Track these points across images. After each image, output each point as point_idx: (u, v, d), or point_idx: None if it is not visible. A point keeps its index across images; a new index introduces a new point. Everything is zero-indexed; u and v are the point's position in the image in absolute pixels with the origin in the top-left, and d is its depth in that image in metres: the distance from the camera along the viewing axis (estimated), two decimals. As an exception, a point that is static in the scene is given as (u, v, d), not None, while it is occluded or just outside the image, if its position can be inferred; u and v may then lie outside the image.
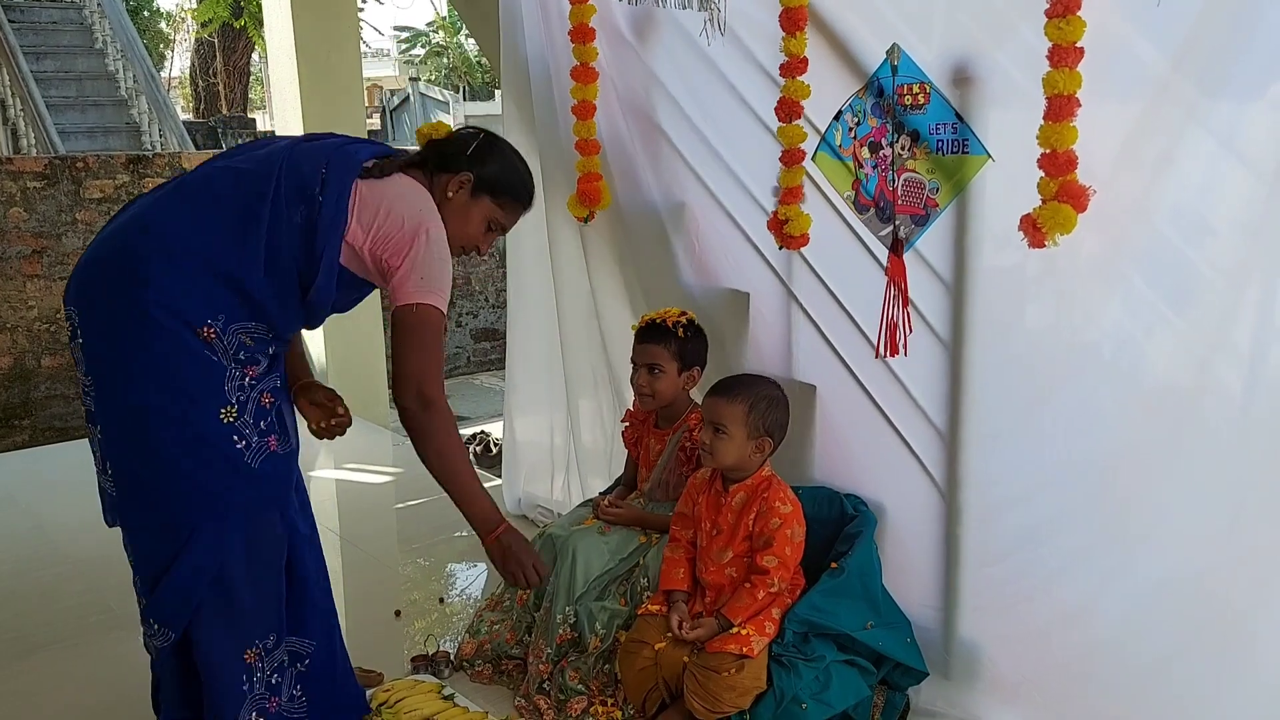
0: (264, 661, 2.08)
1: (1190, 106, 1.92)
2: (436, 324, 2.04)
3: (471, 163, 2.13)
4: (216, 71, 16.18)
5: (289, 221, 1.97)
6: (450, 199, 2.12)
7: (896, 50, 2.29)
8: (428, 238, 2.01)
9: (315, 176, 1.99)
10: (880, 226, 2.41)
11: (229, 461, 1.95)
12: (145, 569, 2.04)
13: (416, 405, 2.03)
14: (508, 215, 2.21)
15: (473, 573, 3.50)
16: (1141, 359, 2.11)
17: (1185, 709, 2.09)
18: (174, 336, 1.90)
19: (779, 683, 2.18)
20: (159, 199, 2.03)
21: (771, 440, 2.34)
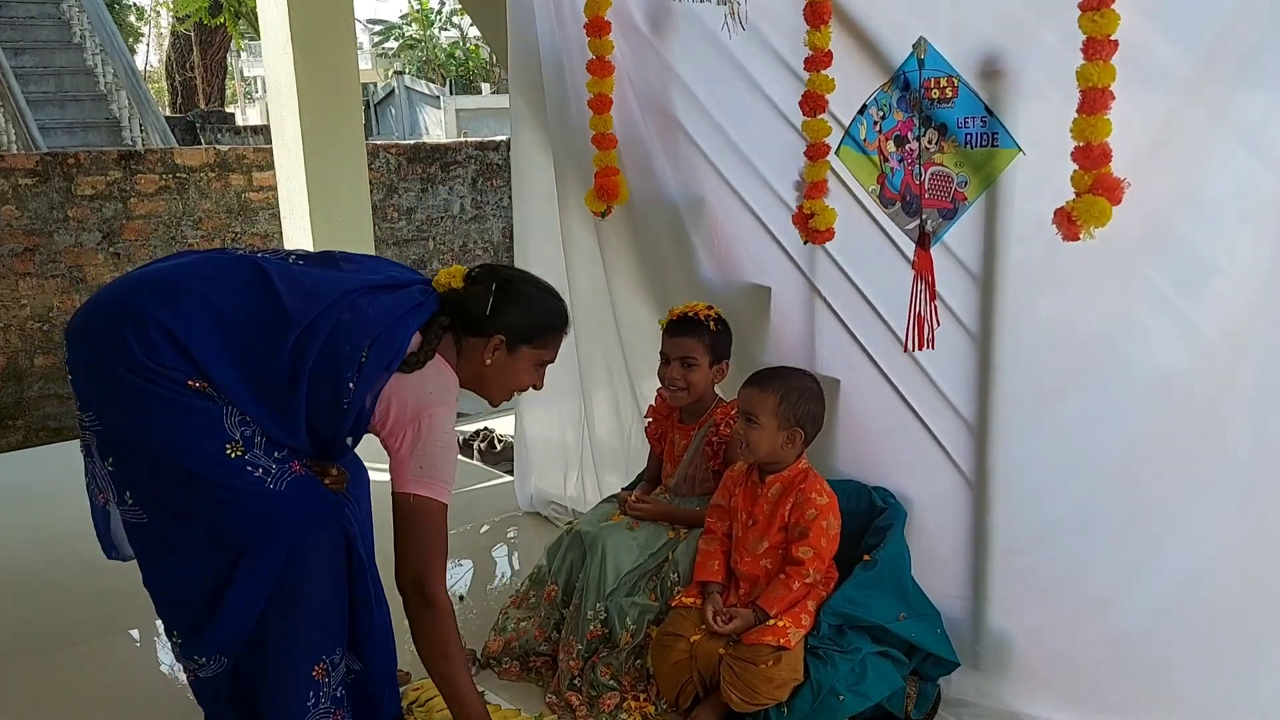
0: (331, 677, 2.04)
1: (1214, 104, 1.95)
2: (437, 515, 1.98)
3: (495, 320, 2.06)
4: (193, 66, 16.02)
5: (312, 392, 1.91)
6: (489, 364, 2.08)
7: (923, 44, 2.30)
8: (430, 424, 1.94)
9: (354, 362, 1.91)
10: (906, 220, 2.42)
11: (251, 492, 1.90)
12: (186, 603, 1.97)
13: (416, 600, 1.99)
14: (550, 351, 2.18)
15: (492, 568, 3.48)
16: (1164, 353, 2.14)
17: (1214, 697, 2.12)
18: (162, 391, 1.83)
19: (816, 675, 2.19)
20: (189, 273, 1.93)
21: (803, 431, 2.34)
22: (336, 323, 1.92)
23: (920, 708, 2.35)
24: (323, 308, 1.92)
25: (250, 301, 1.92)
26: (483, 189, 7.14)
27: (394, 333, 1.96)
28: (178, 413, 1.85)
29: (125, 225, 5.68)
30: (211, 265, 1.99)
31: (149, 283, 1.93)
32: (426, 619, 2.00)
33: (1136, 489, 2.18)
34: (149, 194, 5.73)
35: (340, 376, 1.90)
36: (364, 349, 1.91)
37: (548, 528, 3.58)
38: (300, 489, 1.95)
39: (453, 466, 2.00)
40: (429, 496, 1.96)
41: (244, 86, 25.08)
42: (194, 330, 1.86)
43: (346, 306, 1.94)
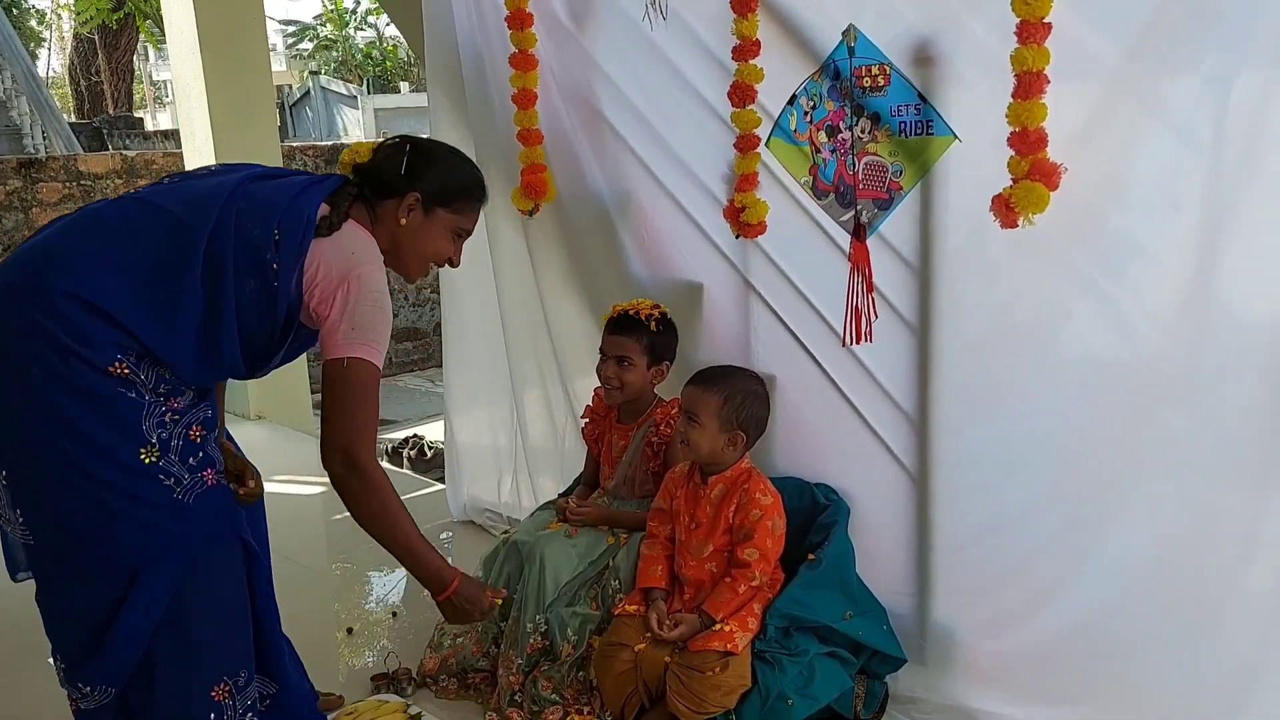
0: (235, 700, 1.93)
1: (1142, 92, 1.95)
2: (368, 380, 1.88)
3: (410, 180, 1.98)
4: (99, 70, 15.49)
5: (238, 291, 1.80)
6: (404, 225, 1.98)
7: (853, 31, 2.26)
8: (359, 282, 1.86)
9: (268, 243, 1.81)
10: (841, 212, 2.38)
11: (158, 502, 1.78)
12: (74, 626, 1.82)
13: (343, 470, 1.88)
14: (468, 218, 2.08)
15: (416, 583, 3.37)
16: (1097, 340, 2.14)
17: (1159, 685, 2.12)
18: (78, 381, 1.71)
19: (764, 680, 2.14)
20: (72, 233, 1.80)
21: (745, 435, 2.29)
22: (238, 213, 1.82)
23: (869, 706, 2.32)
24: (220, 206, 1.81)
25: (146, 233, 1.80)
26: (405, 190, 6.99)
27: (299, 203, 1.87)
28: (92, 409, 1.72)
29: (26, 236, 5.43)
30: (87, 219, 1.84)
31: (30, 258, 1.77)
32: (358, 486, 1.90)
33: (1077, 480, 2.18)
34: (52, 203, 5.49)
35: (262, 262, 1.81)
36: (274, 227, 1.82)
37: (483, 536, 3.49)
38: (208, 503, 1.84)
39: (385, 328, 1.91)
40: (360, 358, 1.86)
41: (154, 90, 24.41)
42: (102, 289, 1.72)
43: (242, 196, 1.85)
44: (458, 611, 2.05)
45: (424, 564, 2.01)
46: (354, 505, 1.93)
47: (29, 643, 2.91)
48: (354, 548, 3.62)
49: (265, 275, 1.81)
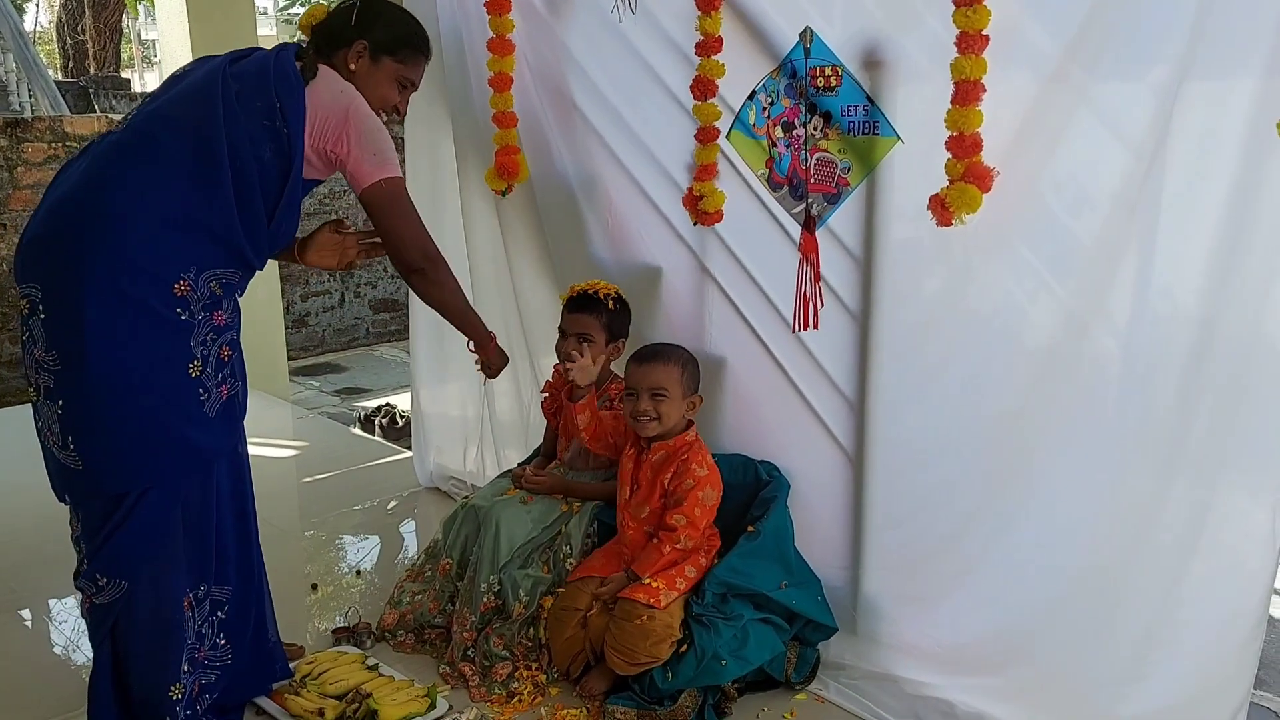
0: (195, 611, 2.12)
1: (1079, 87, 2.03)
2: (404, 191, 2.18)
3: (360, 30, 2.16)
4: (85, 29, 15.38)
5: (258, 160, 2.00)
6: (354, 71, 2.15)
7: (809, 33, 2.37)
8: (358, 114, 2.08)
9: (273, 109, 2.01)
10: (793, 204, 2.50)
11: (194, 415, 2.02)
12: (99, 529, 2.02)
13: (426, 264, 2.22)
14: (413, 68, 2.25)
15: (383, 545, 3.50)
16: (1027, 325, 2.23)
17: (1067, 655, 2.24)
18: (142, 304, 1.93)
19: (700, 641, 2.27)
20: (100, 162, 2.01)
21: (700, 397, 2.44)
22: (236, 94, 2.01)
23: (800, 671, 2.46)
24: (219, 95, 2.00)
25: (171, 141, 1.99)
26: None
27: (282, 68, 2.07)
28: (154, 326, 1.95)
29: (12, 195, 5.49)
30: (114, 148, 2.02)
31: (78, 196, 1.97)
32: (439, 274, 2.26)
33: (998, 461, 2.28)
34: (37, 163, 5.55)
35: (273, 129, 2.01)
36: (273, 95, 2.02)
37: (448, 503, 3.61)
38: (223, 415, 2.08)
39: (392, 145, 2.14)
40: (392, 175, 2.12)
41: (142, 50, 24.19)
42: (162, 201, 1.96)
43: (231, 79, 2.03)
44: (496, 356, 2.51)
45: (474, 327, 2.45)
46: (437, 289, 2.29)
47: (2, 590, 3.04)
48: (324, 510, 3.75)
49: (279, 139, 2.02)
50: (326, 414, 5.49)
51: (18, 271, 2.02)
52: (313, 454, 4.43)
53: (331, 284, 7.26)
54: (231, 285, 2.08)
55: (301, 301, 7.15)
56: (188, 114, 2.02)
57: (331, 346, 7.31)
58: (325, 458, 4.34)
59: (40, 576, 3.13)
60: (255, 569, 2.30)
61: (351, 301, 7.40)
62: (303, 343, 7.11)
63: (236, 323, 2.12)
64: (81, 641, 2.68)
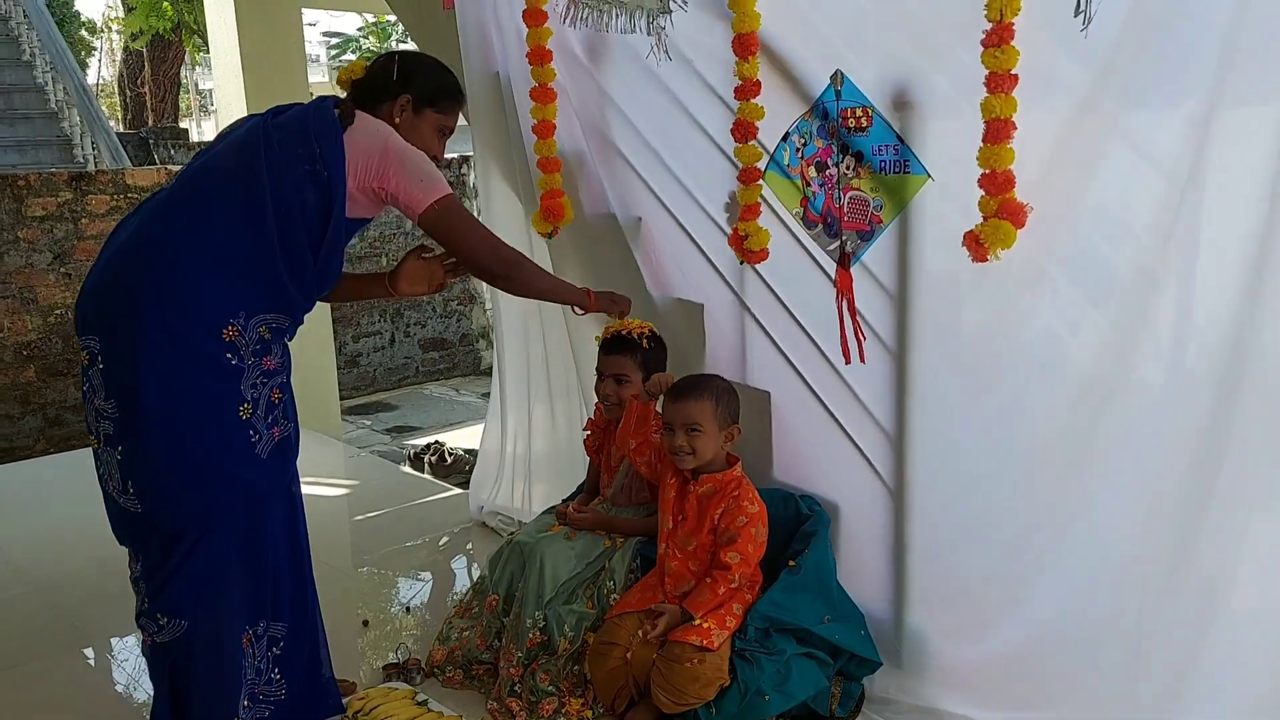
0: (254, 647, 2.19)
1: (1111, 118, 2.05)
2: (459, 205, 2.25)
3: (402, 85, 2.27)
4: (144, 81, 15.90)
5: (301, 205, 2.09)
6: (398, 124, 2.25)
7: (840, 75, 2.43)
8: (395, 145, 2.16)
9: (314, 154, 2.10)
10: (828, 241, 2.54)
11: (244, 453, 2.09)
12: (159, 572, 2.10)
13: (505, 269, 2.33)
14: (451, 117, 2.36)
15: (435, 582, 3.56)
16: (1068, 356, 2.24)
17: (1109, 687, 2.23)
18: (195, 349, 2.02)
19: (742, 676, 2.29)
20: (152, 216, 2.11)
21: (737, 427, 2.48)
22: (278, 144, 2.10)
23: (844, 706, 2.47)
24: (261, 146, 2.10)
25: (218, 194, 2.09)
26: (435, 206, 7.19)
27: (321, 115, 2.16)
28: (207, 369, 2.03)
29: (77, 245, 5.70)
30: (165, 204, 2.13)
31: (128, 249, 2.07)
32: (521, 274, 2.37)
33: (1039, 492, 2.29)
34: (100, 214, 5.75)
35: (316, 174, 2.10)
36: (312, 140, 2.11)
37: (496, 539, 3.66)
38: (276, 455, 2.16)
39: (435, 166, 2.23)
40: (445, 194, 2.19)
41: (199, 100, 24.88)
42: (210, 253, 2.05)
43: (272, 129, 2.13)
44: (606, 303, 2.66)
45: (568, 297, 2.59)
46: (525, 289, 2.43)
47: (69, 626, 3.14)
48: (376, 548, 3.82)
49: (320, 182, 2.11)
50: (377, 452, 5.59)
51: (78, 324, 2.11)
52: (364, 492, 4.51)
53: (382, 324, 7.41)
54: (281, 330, 2.16)
55: (353, 342, 7.30)
56: (232, 165, 2.12)
57: (382, 386, 7.45)
58: (376, 496, 4.42)
59: (102, 614, 3.22)
60: (309, 606, 2.36)
61: (401, 341, 7.54)
62: (354, 382, 7.26)
63: (286, 367, 2.20)
64: (142, 679, 2.77)
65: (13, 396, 5.60)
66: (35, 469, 5.08)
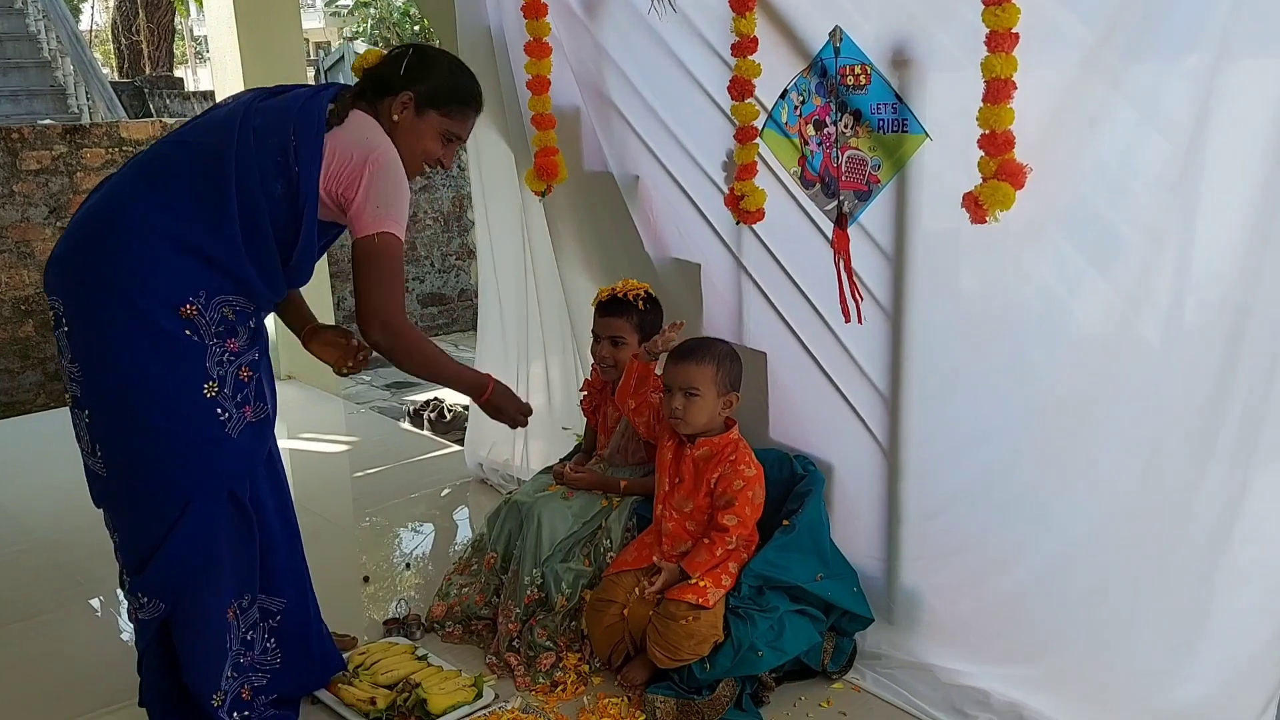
0: (240, 619, 2.19)
1: (1113, 74, 2.02)
2: (396, 252, 2.08)
3: (408, 81, 2.14)
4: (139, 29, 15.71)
5: (268, 196, 2.00)
6: (397, 122, 2.14)
7: (839, 32, 2.40)
8: (378, 163, 2.04)
9: (287, 147, 2.01)
10: (825, 201, 2.53)
11: (214, 435, 2.03)
12: (135, 546, 2.09)
13: (385, 339, 2.11)
14: (459, 123, 2.22)
15: (435, 538, 3.60)
16: (1067, 315, 2.23)
17: (1102, 644, 2.25)
18: (154, 324, 1.95)
19: (736, 633, 2.32)
20: (121, 182, 2.06)
21: (736, 394, 2.47)
22: (255, 129, 2.01)
23: (836, 661, 2.51)
24: (238, 127, 2.01)
25: (185, 166, 2.02)
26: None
27: (308, 109, 2.06)
28: (168, 345, 1.96)
29: (72, 199, 5.68)
30: (134, 169, 2.07)
31: (95, 213, 2.02)
32: (402, 347, 2.15)
33: (1036, 451, 2.29)
34: (95, 167, 5.72)
35: (285, 165, 2.00)
36: (289, 133, 2.01)
37: (495, 495, 3.69)
38: (249, 435, 2.09)
39: (405, 203, 2.10)
40: (388, 232, 2.06)
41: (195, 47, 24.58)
42: (171, 223, 1.97)
43: (254, 114, 2.05)
44: (495, 410, 2.38)
45: (462, 383, 2.34)
46: (401, 363, 2.19)
47: (72, 582, 3.17)
48: (377, 503, 3.85)
49: (289, 177, 2.01)
50: (377, 409, 5.61)
51: (45, 283, 2.07)
52: (364, 448, 4.54)
53: (380, 278, 7.39)
54: (246, 313, 2.07)
55: (351, 298, 7.29)
56: (204, 141, 2.04)
57: (381, 340, 7.44)
58: (376, 452, 4.45)
59: (106, 569, 3.19)
60: (303, 574, 2.37)
61: (400, 296, 7.53)
62: (353, 337, 7.25)
63: (257, 347, 2.13)
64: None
65: (12, 351, 5.61)
66: (36, 424, 5.10)
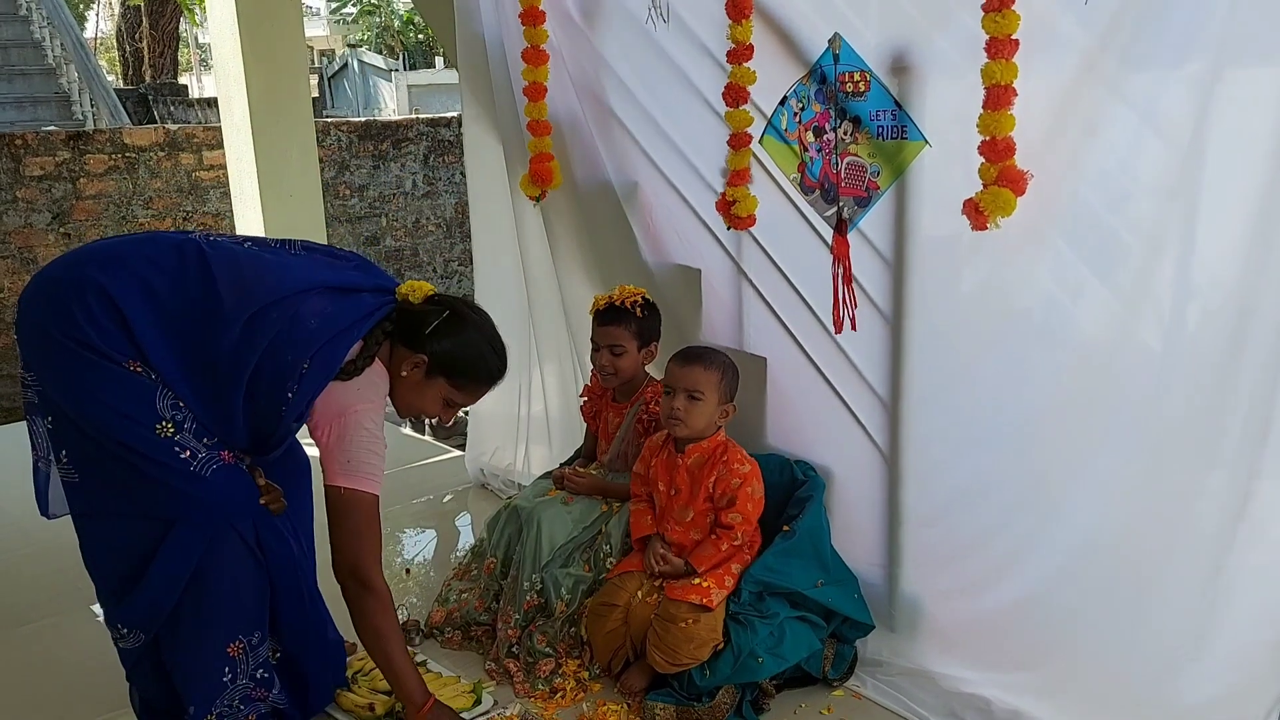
0: (249, 656, 2.11)
1: (1112, 80, 2.02)
2: (367, 506, 2.05)
3: (429, 343, 2.10)
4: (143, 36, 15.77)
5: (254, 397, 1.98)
6: (404, 378, 2.12)
7: (838, 39, 2.40)
8: (354, 419, 2.01)
9: (296, 372, 1.97)
10: (825, 207, 2.54)
11: (178, 470, 1.96)
12: (112, 568, 2.03)
13: (354, 587, 2.09)
14: (464, 394, 2.19)
15: (434, 542, 3.59)
16: (1068, 321, 2.23)
17: (1102, 650, 2.25)
18: (93, 364, 1.91)
19: (736, 639, 2.32)
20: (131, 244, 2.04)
21: (734, 406, 2.48)
22: (279, 332, 1.97)
23: (837, 668, 2.50)
24: (261, 305, 1.97)
25: (187, 286, 1.97)
26: (434, 165, 7.18)
27: (337, 345, 2.01)
28: (113, 385, 1.91)
29: (75, 205, 5.69)
30: (153, 244, 2.05)
31: (91, 254, 2.02)
32: (363, 604, 2.10)
33: (1035, 457, 2.29)
34: (98, 174, 5.74)
35: (282, 385, 1.97)
36: (306, 360, 1.97)
37: (495, 500, 3.69)
38: (226, 475, 2.01)
39: (380, 459, 2.07)
40: (356, 489, 2.04)
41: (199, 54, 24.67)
42: (131, 302, 1.93)
43: (290, 314, 1.98)
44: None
45: (406, 685, 2.17)
46: (360, 617, 2.11)
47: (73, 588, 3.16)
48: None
49: (280, 398, 1.98)
50: (379, 413, 5.60)
51: (23, 291, 2.04)
52: (365, 454, 4.52)
53: (383, 284, 7.40)
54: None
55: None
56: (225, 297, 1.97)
57: (383, 346, 7.44)
58: (378, 457, 4.43)
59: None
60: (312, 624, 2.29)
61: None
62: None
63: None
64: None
65: (14, 357, 5.61)
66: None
